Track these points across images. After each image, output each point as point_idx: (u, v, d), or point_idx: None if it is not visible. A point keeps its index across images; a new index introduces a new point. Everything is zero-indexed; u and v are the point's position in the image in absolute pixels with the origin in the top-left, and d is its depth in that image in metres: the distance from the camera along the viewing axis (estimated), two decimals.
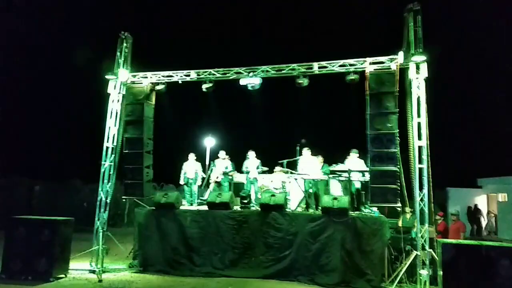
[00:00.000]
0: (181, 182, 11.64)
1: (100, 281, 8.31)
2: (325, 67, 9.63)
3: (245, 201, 10.14)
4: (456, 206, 17.40)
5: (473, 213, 19.08)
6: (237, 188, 11.41)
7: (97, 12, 26.58)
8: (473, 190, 20.32)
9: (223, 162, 11.57)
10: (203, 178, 11.79)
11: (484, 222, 19.33)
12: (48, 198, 17.51)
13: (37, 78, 25.03)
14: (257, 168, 11.17)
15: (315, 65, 9.64)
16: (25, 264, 8.20)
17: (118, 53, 10.28)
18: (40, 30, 24.42)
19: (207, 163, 18.45)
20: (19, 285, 7.79)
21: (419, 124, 8.28)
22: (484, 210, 19.58)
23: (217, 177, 11.43)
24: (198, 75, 10.37)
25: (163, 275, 9.05)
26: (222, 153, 11.73)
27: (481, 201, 19.92)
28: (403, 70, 8.82)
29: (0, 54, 21.76)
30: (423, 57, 8.29)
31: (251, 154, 11.31)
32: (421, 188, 8.14)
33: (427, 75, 8.36)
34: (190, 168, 11.55)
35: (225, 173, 11.39)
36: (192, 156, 11.67)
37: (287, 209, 9.52)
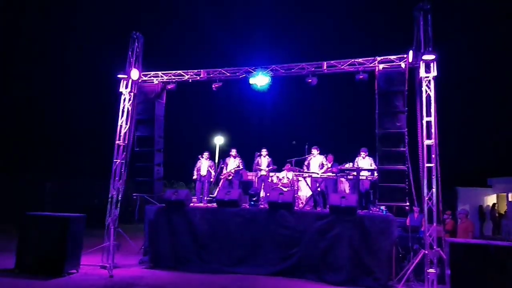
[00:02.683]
0: (194, 177, 11.82)
1: (111, 276, 8.46)
2: (334, 66, 9.65)
3: (254, 199, 10.22)
4: (465, 205, 17.30)
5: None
6: (246, 186, 11.50)
7: (108, 11, 26.81)
8: (483, 190, 20.16)
9: (234, 160, 11.70)
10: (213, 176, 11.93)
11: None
12: (60, 195, 17.76)
13: (47, 76, 25.36)
14: (268, 166, 11.28)
15: (324, 64, 9.67)
16: (37, 260, 8.36)
17: (130, 53, 10.40)
18: (53, 28, 24.70)
19: (216, 161, 18.60)
20: (32, 280, 7.92)
21: (428, 123, 8.24)
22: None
23: (229, 176, 11.55)
24: (208, 74, 10.47)
25: (173, 271, 9.18)
26: (233, 151, 11.87)
27: (491, 200, 19.76)
28: (413, 69, 8.79)
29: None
30: (433, 56, 8.20)
31: (264, 152, 11.45)
32: (429, 187, 8.11)
33: (436, 74, 8.31)
34: (204, 165, 11.71)
35: (236, 171, 11.52)
36: (206, 154, 11.86)
37: (295, 207, 9.58)
